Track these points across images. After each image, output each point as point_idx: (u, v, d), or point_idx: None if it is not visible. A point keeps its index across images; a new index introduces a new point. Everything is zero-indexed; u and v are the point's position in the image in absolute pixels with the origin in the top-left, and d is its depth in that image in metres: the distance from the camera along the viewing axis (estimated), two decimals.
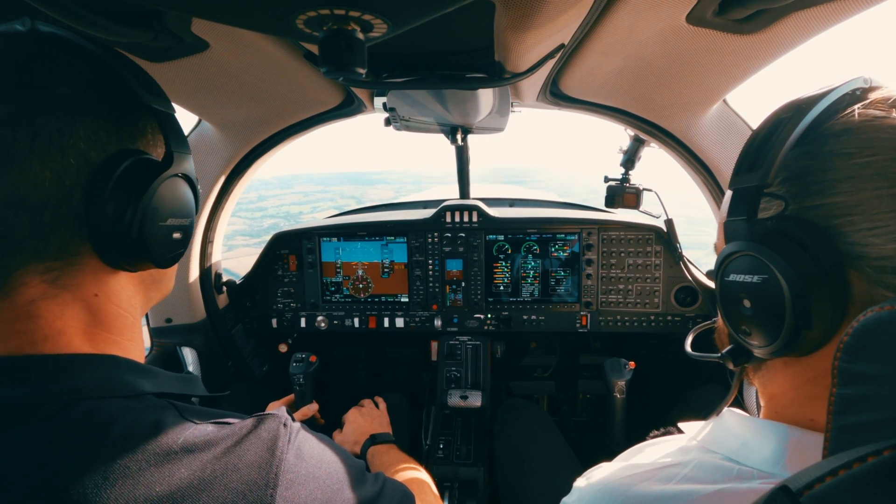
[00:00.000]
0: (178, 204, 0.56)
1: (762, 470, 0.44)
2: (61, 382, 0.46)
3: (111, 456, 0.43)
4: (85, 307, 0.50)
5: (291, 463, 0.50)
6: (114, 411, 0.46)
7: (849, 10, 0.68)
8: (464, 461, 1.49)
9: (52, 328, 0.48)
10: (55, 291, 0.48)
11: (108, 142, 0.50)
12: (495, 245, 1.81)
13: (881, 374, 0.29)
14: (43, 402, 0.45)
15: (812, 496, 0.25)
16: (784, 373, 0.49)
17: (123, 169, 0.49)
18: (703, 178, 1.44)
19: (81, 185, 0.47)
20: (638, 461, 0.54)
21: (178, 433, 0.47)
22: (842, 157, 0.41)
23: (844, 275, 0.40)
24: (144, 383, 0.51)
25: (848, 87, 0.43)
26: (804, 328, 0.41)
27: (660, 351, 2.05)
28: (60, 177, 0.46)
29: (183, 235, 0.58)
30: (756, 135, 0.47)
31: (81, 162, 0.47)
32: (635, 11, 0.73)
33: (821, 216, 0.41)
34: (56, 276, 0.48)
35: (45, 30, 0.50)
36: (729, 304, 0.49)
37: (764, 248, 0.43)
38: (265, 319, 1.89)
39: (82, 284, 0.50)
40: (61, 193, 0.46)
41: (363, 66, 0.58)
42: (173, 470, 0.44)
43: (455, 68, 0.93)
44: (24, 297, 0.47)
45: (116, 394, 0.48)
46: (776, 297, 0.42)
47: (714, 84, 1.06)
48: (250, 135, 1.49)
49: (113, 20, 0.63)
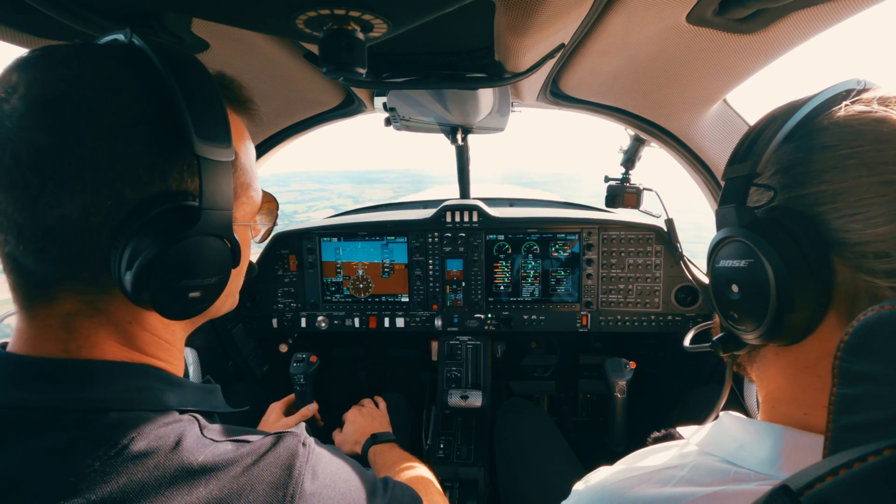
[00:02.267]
0: (198, 265, 0.50)
1: (759, 471, 0.44)
2: (89, 390, 0.46)
3: (132, 472, 0.42)
4: (119, 331, 0.50)
5: (307, 485, 0.49)
6: (138, 425, 0.45)
7: (849, 9, 0.68)
8: (464, 461, 1.49)
9: (86, 341, 0.48)
10: (91, 311, 0.48)
11: (150, 182, 0.46)
12: (495, 245, 1.81)
13: (882, 374, 0.29)
14: (69, 410, 0.44)
15: (812, 496, 0.25)
16: (776, 364, 0.50)
17: (151, 217, 0.46)
18: (704, 178, 1.44)
19: (111, 224, 0.45)
20: (638, 465, 0.54)
21: (198, 451, 0.46)
22: (828, 148, 0.42)
23: (828, 261, 0.41)
24: (171, 397, 0.51)
25: (840, 88, 0.46)
26: (787, 311, 0.42)
27: (660, 351, 2.05)
28: (88, 212, 0.44)
29: (203, 294, 0.52)
30: (751, 130, 0.50)
31: (115, 200, 0.44)
32: (635, 11, 0.73)
33: (807, 204, 0.43)
34: (91, 300, 0.48)
35: (138, 44, 0.47)
36: (719, 290, 0.51)
37: (750, 233, 0.45)
38: (265, 319, 1.89)
39: (116, 312, 0.49)
40: (88, 229, 0.44)
41: (363, 66, 0.58)
42: (192, 489, 0.44)
43: (455, 68, 0.93)
44: (62, 309, 0.47)
45: (143, 407, 0.48)
46: (761, 280, 0.44)
47: (714, 84, 1.06)
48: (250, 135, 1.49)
49: (113, 20, 0.63)
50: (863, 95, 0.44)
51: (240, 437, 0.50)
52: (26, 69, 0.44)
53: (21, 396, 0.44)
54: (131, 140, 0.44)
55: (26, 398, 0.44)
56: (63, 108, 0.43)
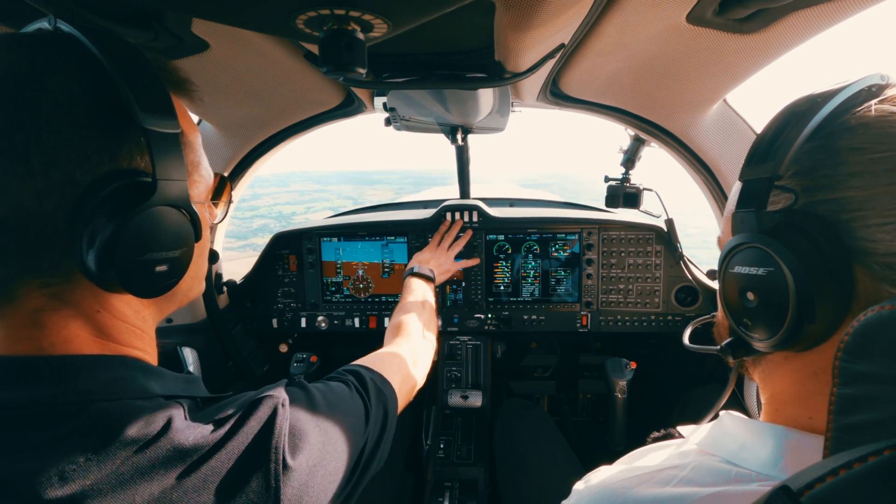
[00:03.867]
0: (162, 236, 0.50)
1: (760, 472, 0.44)
2: (73, 384, 0.46)
3: (126, 456, 0.43)
4: (89, 321, 0.49)
5: (286, 443, 0.51)
6: (127, 412, 0.46)
7: (849, 9, 0.68)
8: (464, 461, 1.49)
9: (58, 336, 0.47)
10: (57, 304, 0.47)
11: (100, 162, 0.46)
12: (495, 245, 1.81)
13: (882, 374, 0.29)
14: (56, 404, 0.45)
15: (812, 496, 0.25)
16: (784, 368, 0.49)
17: (106, 194, 0.45)
18: (704, 178, 1.44)
19: (65, 207, 0.44)
20: (637, 464, 0.54)
21: (188, 433, 0.47)
22: (856, 151, 0.40)
23: (850, 271, 0.40)
24: (154, 385, 0.51)
25: (864, 83, 0.43)
26: (807, 322, 0.41)
27: (660, 351, 2.05)
28: (41, 198, 0.43)
29: (170, 268, 0.52)
30: (769, 127, 0.47)
31: (66, 183, 0.44)
32: (635, 11, 0.73)
33: (830, 210, 0.41)
34: (55, 292, 0.47)
35: (65, 30, 0.47)
36: (731, 297, 0.48)
37: (771, 241, 0.42)
38: (266, 319, 1.89)
39: (83, 301, 0.49)
40: (43, 215, 0.44)
41: (363, 66, 0.58)
42: (186, 469, 0.45)
43: (455, 68, 0.93)
44: (26, 307, 0.46)
45: (128, 396, 0.48)
46: (780, 290, 0.42)
47: (714, 84, 1.06)
48: (250, 135, 1.50)
49: (113, 20, 0.63)
50: (887, 93, 0.41)
51: (221, 414, 0.51)
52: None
53: (1, 395, 0.44)
54: (74, 122, 0.44)
55: (7, 396, 0.44)
56: (5, 98, 0.42)
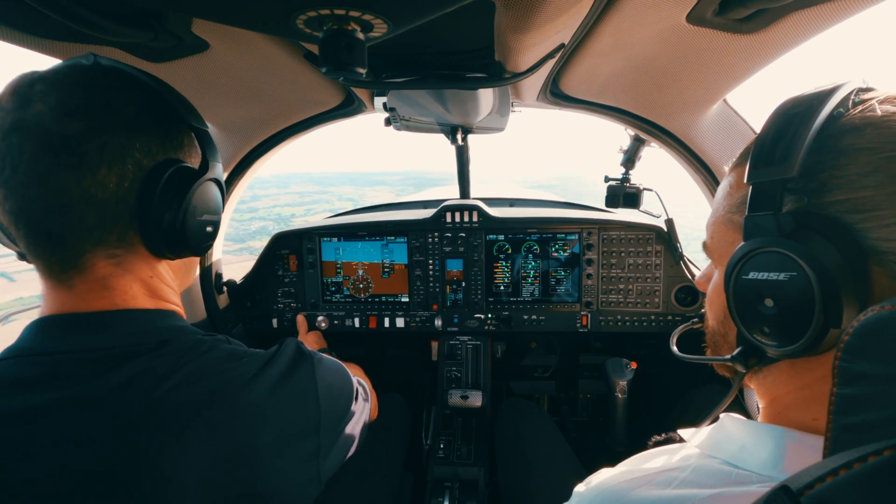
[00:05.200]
0: (210, 203, 0.70)
1: (760, 473, 0.44)
2: (151, 325, 0.62)
3: (215, 361, 0.62)
4: (144, 285, 0.65)
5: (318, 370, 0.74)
6: (196, 338, 0.64)
7: (849, 9, 0.68)
8: (464, 461, 1.49)
9: (126, 295, 0.62)
10: (120, 272, 0.62)
11: (158, 152, 0.63)
12: (495, 245, 1.81)
13: (882, 374, 0.29)
14: (142, 343, 0.60)
15: (812, 496, 0.25)
16: (790, 372, 0.48)
17: (169, 174, 0.62)
18: (704, 178, 1.44)
19: (136, 186, 0.60)
20: (638, 467, 0.54)
21: (241, 348, 0.68)
22: (866, 151, 0.40)
23: (866, 271, 0.39)
24: (197, 330, 0.67)
25: (850, 87, 0.43)
26: (832, 326, 0.40)
27: (660, 351, 2.05)
28: (121, 179, 0.59)
29: (213, 228, 0.72)
30: (769, 129, 0.46)
31: (137, 168, 0.60)
32: (635, 11, 0.73)
33: (843, 210, 0.40)
34: (118, 261, 0.62)
35: (105, 63, 0.62)
36: (746, 304, 0.47)
37: (795, 245, 0.41)
38: (266, 319, 1.89)
39: (138, 268, 0.64)
40: (121, 192, 0.59)
41: (363, 66, 0.58)
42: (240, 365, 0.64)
43: (455, 68, 0.93)
44: (96, 275, 0.60)
45: (189, 334, 0.65)
46: (805, 294, 0.41)
47: (714, 84, 1.06)
48: (250, 135, 1.49)
49: (113, 20, 0.63)
50: (872, 94, 0.42)
51: None
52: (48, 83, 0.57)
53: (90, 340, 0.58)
54: (143, 124, 0.61)
55: (95, 341, 0.58)
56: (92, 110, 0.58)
